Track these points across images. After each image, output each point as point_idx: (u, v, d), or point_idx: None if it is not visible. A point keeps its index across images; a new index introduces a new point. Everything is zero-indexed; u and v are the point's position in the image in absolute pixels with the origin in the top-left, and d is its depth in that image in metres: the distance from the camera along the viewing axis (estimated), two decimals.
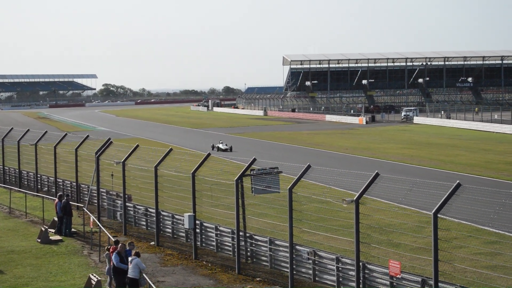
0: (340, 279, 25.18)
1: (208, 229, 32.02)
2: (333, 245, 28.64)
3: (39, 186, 48.82)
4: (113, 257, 25.03)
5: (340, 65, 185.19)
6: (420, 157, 65.59)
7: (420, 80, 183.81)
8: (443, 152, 69.39)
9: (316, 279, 26.20)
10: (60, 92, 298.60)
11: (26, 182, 52.07)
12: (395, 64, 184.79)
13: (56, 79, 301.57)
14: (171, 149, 33.31)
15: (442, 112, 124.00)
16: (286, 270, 27.01)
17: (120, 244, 25.64)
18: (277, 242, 28.22)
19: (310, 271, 26.40)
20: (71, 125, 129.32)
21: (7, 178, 54.86)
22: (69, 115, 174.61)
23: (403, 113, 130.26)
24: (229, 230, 30.58)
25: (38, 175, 48.93)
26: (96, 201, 39.68)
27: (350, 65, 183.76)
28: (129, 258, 24.54)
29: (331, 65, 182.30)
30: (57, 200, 36.82)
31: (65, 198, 36.54)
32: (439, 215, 20.61)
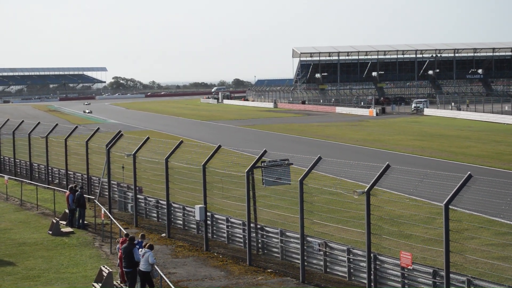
0: (351, 270, 25.20)
1: (219, 221, 32.07)
2: (344, 237, 28.67)
3: (50, 179, 48.96)
4: (134, 251, 24.75)
5: (350, 57, 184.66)
6: (431, 148, 65.47)
7: (430, 72, 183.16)
8: (454, 144, 69.23)
9: (328, 270, 26.22)
10: (70, 85, 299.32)
11: (37, 175, 52.25)
12: (405, 56, 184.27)
13: (66, 72, 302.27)
14: (181, 141, 33.35)
15: (453, 103, 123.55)
16: (297, 261, 27.04)
17: (140, 236, 25.70)
18: (288, 233, 28.24)
19: (321, 262, 26.43)
20: (82, 118, 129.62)
21: (18, 170, 55.06)
22: (79, 107, 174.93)
23: (413, 105, 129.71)
24: (240, 222, 30.62)
25: (49, 168, 49.07)
26: (107, 193, 39.78)
27: (360, 57, 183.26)
28: (142, 251, 24.50)
29: (340, 57, 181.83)
30: (68, 192, 36.92)
31: (79, 190, 36.63)
32: (450, 206, 20.58)
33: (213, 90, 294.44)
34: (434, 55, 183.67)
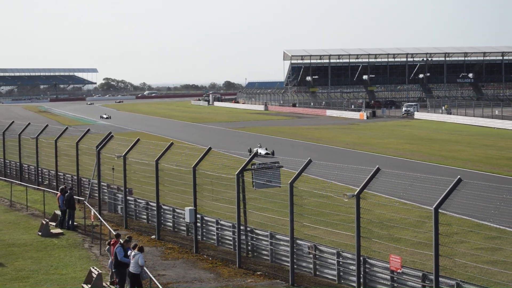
0: (341, 274, 25.21)
1: (209, 223, 32.05)
2: (334, 240, 28.66)
3: (40, 180, 48.85)
4: (117, 250, 24.89)
5: (341, 60, 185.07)
6: (421, 152, 65.59)
7: (421, 76, 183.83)
8: (444, 148, 69.37)
9: (317, 273, 26.23)
10: (60, 86, 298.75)
11: (27, 176, 52.12)
12: (396, 59, 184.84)
13: (57, 73, 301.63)
14: (172, 143, 33.29)
15: (443, 107, 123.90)
16: (286, 264, 27.04)
17: (125, 239, 25.55)
18: (278, 236, 28.24)
19: (311, 265, 26.43)
20: (72, 119, 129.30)
21: (8, 171, 54.91)
22: (69, 109, 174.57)
23: (403, 109, 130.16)
24: (230, 224, 30.60)
25: (39, 169, 48.97)
26: (97, 194, 39.72)
27: (351, 60, 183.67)
28: (132, 253, 24.45)
29: (331, 60, 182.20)
30: (59, 193, 36.83)
31: (68, 191, 36.54)
32: (440, 210, 20.64)
33: (145, 93, 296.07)
34: (425, 59, 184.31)
